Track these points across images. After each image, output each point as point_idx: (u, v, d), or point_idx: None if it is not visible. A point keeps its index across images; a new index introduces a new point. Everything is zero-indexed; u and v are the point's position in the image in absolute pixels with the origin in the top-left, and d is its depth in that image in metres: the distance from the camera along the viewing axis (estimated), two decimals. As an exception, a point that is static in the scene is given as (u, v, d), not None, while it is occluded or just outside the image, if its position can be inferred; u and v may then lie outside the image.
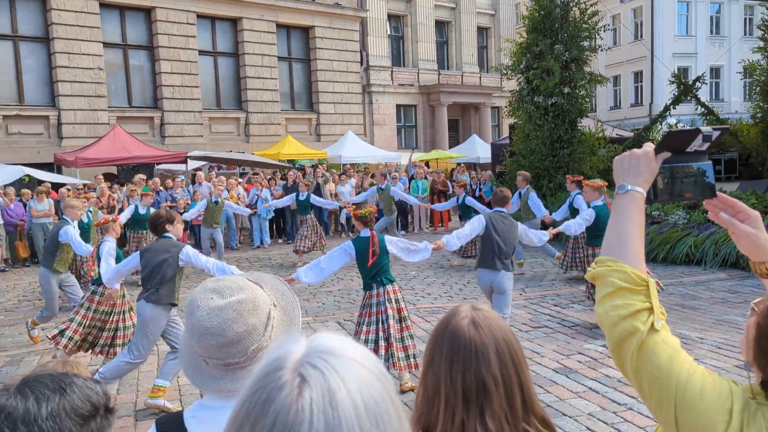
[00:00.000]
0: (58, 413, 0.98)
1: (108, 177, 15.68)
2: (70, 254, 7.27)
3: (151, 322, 5.09)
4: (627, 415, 4.61)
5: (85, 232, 8.77)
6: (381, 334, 5.30)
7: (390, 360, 5.24)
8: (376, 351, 5.19)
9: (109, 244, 5.88)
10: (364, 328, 5.37)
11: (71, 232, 6.98)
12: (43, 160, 17.00)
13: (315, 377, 0.65)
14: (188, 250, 5.12)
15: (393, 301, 5.41)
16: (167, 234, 5.20)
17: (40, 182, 14.25)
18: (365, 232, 5.48)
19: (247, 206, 13.74)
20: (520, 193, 10.68)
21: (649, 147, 1.34)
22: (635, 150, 1.35)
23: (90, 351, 6.07)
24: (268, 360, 0.70)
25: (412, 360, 5.32)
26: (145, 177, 14.04)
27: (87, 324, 5.89)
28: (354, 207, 12.81)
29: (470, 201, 11.63)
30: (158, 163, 17.18)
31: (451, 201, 12.69)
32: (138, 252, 5.31)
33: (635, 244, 1.28)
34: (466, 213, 11.74)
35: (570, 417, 4.63)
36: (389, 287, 5.42)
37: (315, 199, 12.34)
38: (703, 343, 6.23)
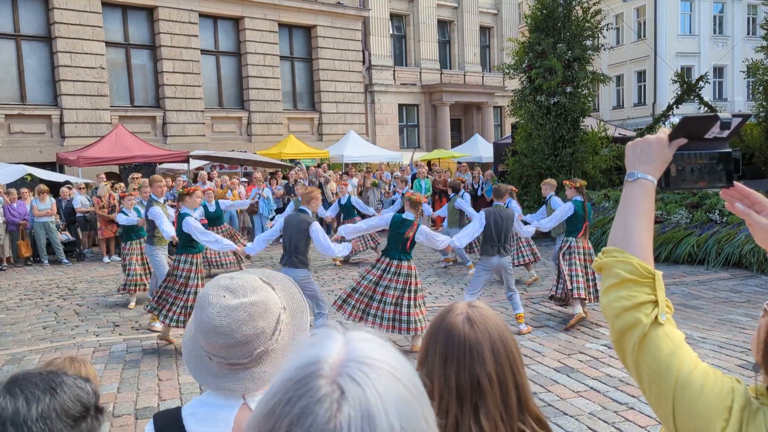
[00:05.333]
0: (48, 414, 0.94)
1: (110, 176, 15.69)
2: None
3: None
4: (628, 415, 4.59)
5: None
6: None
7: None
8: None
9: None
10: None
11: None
12: (46, 160, 17.03)
13: (353, 392, 0.61)
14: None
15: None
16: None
17: (43, 181, 14.26)
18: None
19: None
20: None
21: (662, 133, 1.28)
22: (648, 136, 1.29)
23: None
24: (301, 360, 0.65)
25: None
26: (140, 175, 13.68)
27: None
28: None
29: (355, 201, 12.07)
30: (160, 163, 17.18)
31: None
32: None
33: (642, 234, 1.24)
34: (348, 214, 12.01)
35: (571, 416, 4.61)
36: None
37: (224, 204, 11.43)
38: (705, 343, 6.21)
